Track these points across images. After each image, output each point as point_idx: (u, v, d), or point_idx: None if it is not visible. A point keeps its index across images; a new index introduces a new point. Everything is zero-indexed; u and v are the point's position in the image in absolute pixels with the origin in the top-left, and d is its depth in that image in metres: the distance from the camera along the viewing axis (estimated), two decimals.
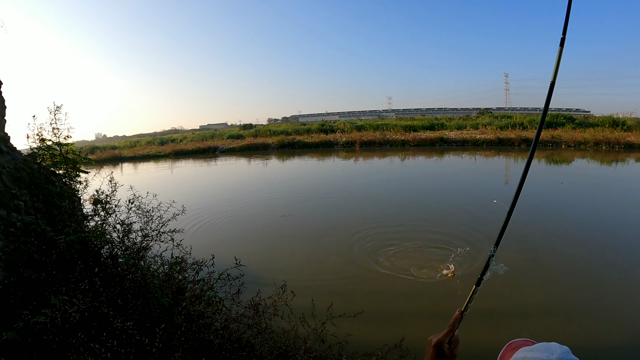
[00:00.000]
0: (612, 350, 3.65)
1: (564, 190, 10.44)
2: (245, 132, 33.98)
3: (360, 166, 17.84)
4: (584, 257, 5.74)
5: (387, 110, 69.00)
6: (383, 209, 8.95)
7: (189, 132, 48.62)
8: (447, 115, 48.67)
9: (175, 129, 65.78)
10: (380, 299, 4.76)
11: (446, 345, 0.92)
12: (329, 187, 12.19)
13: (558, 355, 0.65)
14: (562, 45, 0.99)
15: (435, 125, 29.86)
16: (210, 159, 23.89)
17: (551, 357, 0.65)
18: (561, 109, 47.80)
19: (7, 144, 3.54)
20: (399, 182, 12.63)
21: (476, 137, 23.07)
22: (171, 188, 13.56)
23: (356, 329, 3.74)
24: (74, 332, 1.91)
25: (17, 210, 2.85)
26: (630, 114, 39.32)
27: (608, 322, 4.05)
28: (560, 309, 4.40)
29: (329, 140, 26.66)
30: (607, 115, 27.91)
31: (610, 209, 8.51)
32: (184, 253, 3.00)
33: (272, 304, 2.79)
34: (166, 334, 2.06)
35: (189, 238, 3.20)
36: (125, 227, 2.97)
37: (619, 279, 5.01)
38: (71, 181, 3.58)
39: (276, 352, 2.48)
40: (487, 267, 1.01)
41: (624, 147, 18.73)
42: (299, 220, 8.32)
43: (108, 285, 2.31)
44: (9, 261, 2.34)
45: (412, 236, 6.80)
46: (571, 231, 6.92)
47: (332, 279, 5.39)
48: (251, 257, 6.10)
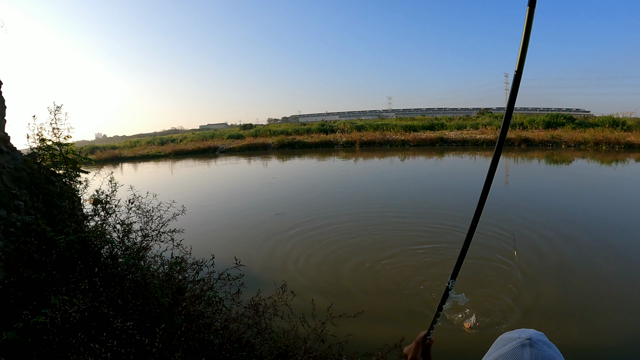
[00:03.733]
0: (613, 350, 3.65)
1: (557, 188, 10.44)
2: (245, 132, 33.99)
3: (360, 166, 17.84)
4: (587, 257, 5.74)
5: (387, 110, 69.00)
6: (383, 208, 8.95)
7: (189, 132, 48.63)
8: (447, 115, 48.70)
9: (175, 129, 65.83)
10: (380, 299, 4.76)
11: (417, 355, 1.04)
12: (328, 187, 12.19)
13: (529, 334, 0.71)
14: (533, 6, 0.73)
15: (435, 125, 29.86)
16: (210, 159, 23.89)
17: (522, 335, 0.71)
18: (561, 109, 47.82)
19: (7, 144, 3.54)
20: (400, 183, 12.64)
21: (476, 137, 23.07)
22: (171, 188, 13.56)
23: (356, 329, 3.74)
24: (74, 332, 1.91)
25: (17, 210, 2.85)
26: (630, 114, 39.34)
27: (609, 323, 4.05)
28: (562, 309, 4.41)
29: (329, 140, 26.67)
30: (607, 115, 27.92)
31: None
32: (184, 253, 2.99)
33: (272, 304, 2.79)
34: (166, 334, 2.06)
35: (189, 238, 3.20)
36: (125, 227, 2.97)
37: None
38: (71, 181, 3.57)
39: (276, 352, 2.48)
40: (445, 298, 1.04)
41: (624, 147, 18.74)
42: (298, 220, 8.32)
43: (108, 285, 2.31)
44: (9, 261, 2.34)
45: (413, 236, 6.80)
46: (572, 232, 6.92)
47: (332, 279, 5.39)
48: (251, 257, 6.11)
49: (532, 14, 0.73)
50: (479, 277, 5.11)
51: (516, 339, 0.71)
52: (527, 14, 0.73)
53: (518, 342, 0.71)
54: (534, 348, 0.69)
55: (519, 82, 0.78)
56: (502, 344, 0.74)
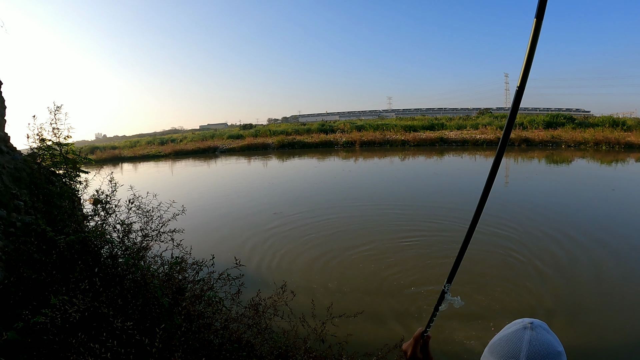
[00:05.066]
0: (612, 350, 3.65)
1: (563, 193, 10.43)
2: (245, 132, 33.97)
3: (360, 166, 17.84)
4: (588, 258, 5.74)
5: (387, 110, 68.97)
6: (384, 209, 8.95)
7: (189, 132, 48.61)
8: (447, 115, 48.69)
9: (175, 129, 65.79)
10: (380, 299, 4.76)
11: (419, 354, 1.12)
12: (328, 187, 12.19)
13: (532, 320, 0.80)
14: (540, 21, 0.65)
15: (435, 125, 29.85)
16: (211, 159, 23.89)
17: (526, 320, 0.80)
18: (561, 109, 47.84)
19: (7, 144, 3.54)
20: (400, 183, 12.64)
21: (476, 137, 23.07)
22: (171, 188, 13.56)
23: (356, 329, 3.75)
24: (74, 332, 1.90)
25: (17, 210, 2.85)
26: (630, 114, 39.36)
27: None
28: (561, 310, 4.40)
29: (329, 140, 26.66)
30: (607, 115, 27.90)
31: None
32: (184, 253, 2.99)
33: (272, 304, 2.78)
34: (166, 334, 2.06)
35: (189, 238, 3.20)
36: (125, 227, 2.97)
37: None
38: (71, 181, 3.57)
39: (276, 352, 2.48)
40: (441, 300, 1.09)
41: (624, 147, 18.74)
42: (299, 220, 8.32)
43: (108, 285, 2.30)
44: (9, 261, 2.34)
45: (414, 235, 6.80)
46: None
47: (332, 279, 5.38)
48: (251, 257, 6.11)
49: (540, 27, 0.65)
50: (477, 276, 5.11)
51: (520, 323, 0.81)
52: (534, 26, 0.65)
53: (521, 325, 0.80)
54: (534, 331, 0.77)
55: (521, 97, 0.73)
56: (507, 327, 0.83)
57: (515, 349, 0.76)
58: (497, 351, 0.79)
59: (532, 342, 0.76)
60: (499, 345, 0.80)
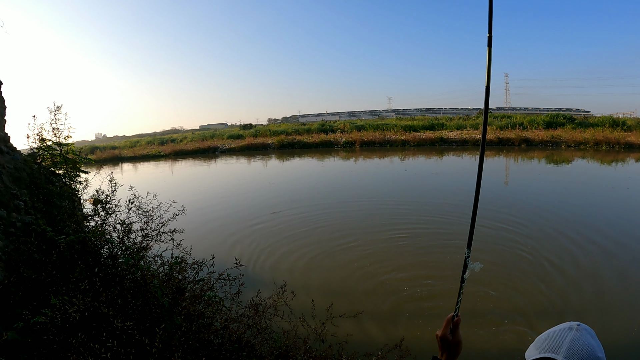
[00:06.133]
0: (611, 350, 3.65)
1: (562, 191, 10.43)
2: (245, 132, 33.98)
3: (360, 166, 17.84)
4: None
5: (387, 110, 68.93)
6: (385, 208, 8.95)
7: (189, 132, 48.64)
8: (447, 115, 48.67)
9: (175, 129, 65.83)
10: (380, 299, 4.76)
11: (449, 336, 1.16)
12: (328, 187, 12.19)
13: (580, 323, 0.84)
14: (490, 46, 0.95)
15: (435, 125, 29.85)
16: (211, 159, 23.89)
17: (574, 323, 0.84)
18: (561, 109, 47.83)
19: (7, 144, 3.54)
20: (402, 183, 12.64)
21: (476, 137, 23.05)
22: (171, 188, 13.55)
23: (356, 329, 3.75)
24: (74, 332, 1.90)
25: (17, 210, 2.85)
26: (630, 114, 39.38)
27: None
28: (563, 308, 4.40)
29: (329, 140, 26.67)
30: (607, 115, 27.92)
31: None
32: (184, 253, 2.99)
33: (272, 304, 2.78)
34: (166, 334, 2.06)
35: (189, 238, 3.19)
36: (125, 227, 2.97)
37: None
38: (71, 181, 3.57)
39: (276, 352, 2.48)
40: (465, 267, 1.15)
41: (624, 147, 18.73)
42: (299, 219, 8.32)
43: (108, 285, 2.30)
44: (9, 261, 2.34)
45: (417, 238, 6.80)
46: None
47: (332, 278, 5.38)
48: (251, 257, 6.11)
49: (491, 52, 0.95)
50: (482, 278, 5.11)
51: (568, 323, 0.86)
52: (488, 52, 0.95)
53: (568, 325, 0.84)
54: (579, 332, 0.81)
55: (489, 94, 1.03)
56: (556, 326, 0.88)
57: (556, 345, 0.80)
58: (540, 345, 0.84)
59: (574, 341, 0.79)
60: (543, 340, 0.85)
